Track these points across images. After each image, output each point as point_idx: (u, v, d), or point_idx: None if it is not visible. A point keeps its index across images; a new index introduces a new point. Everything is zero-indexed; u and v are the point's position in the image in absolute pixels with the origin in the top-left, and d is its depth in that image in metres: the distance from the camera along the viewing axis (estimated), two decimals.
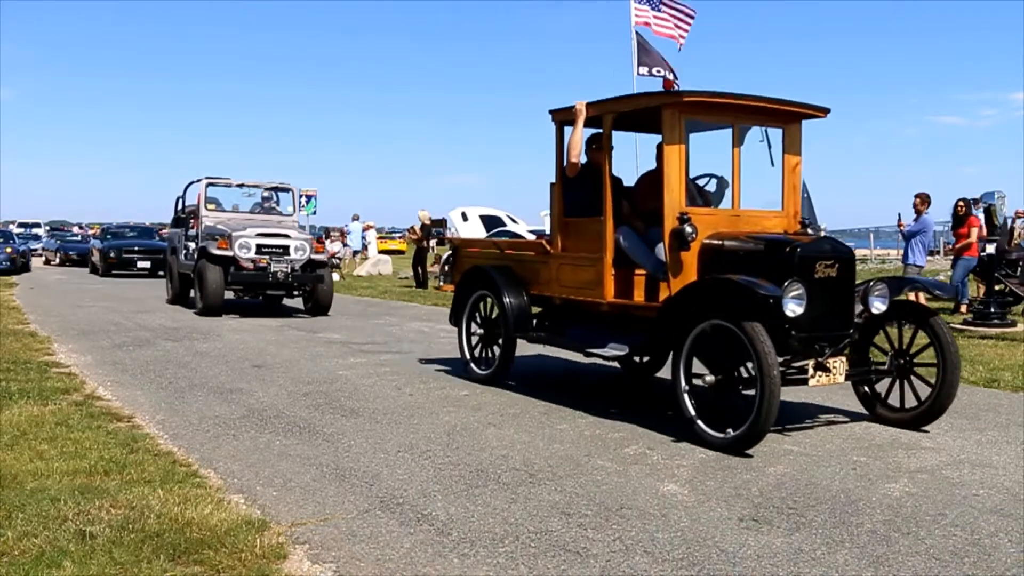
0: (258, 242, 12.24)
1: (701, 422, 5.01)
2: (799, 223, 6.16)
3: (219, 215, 13.40)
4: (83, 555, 3.10)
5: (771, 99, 5.83)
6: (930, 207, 11.65)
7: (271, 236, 12.43)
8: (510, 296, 6.64)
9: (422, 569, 3.14)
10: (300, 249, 12.41)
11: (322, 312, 12.66)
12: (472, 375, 7.09)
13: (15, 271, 23.08)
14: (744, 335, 4.70)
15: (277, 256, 12.24)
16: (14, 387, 6.22)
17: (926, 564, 3.24)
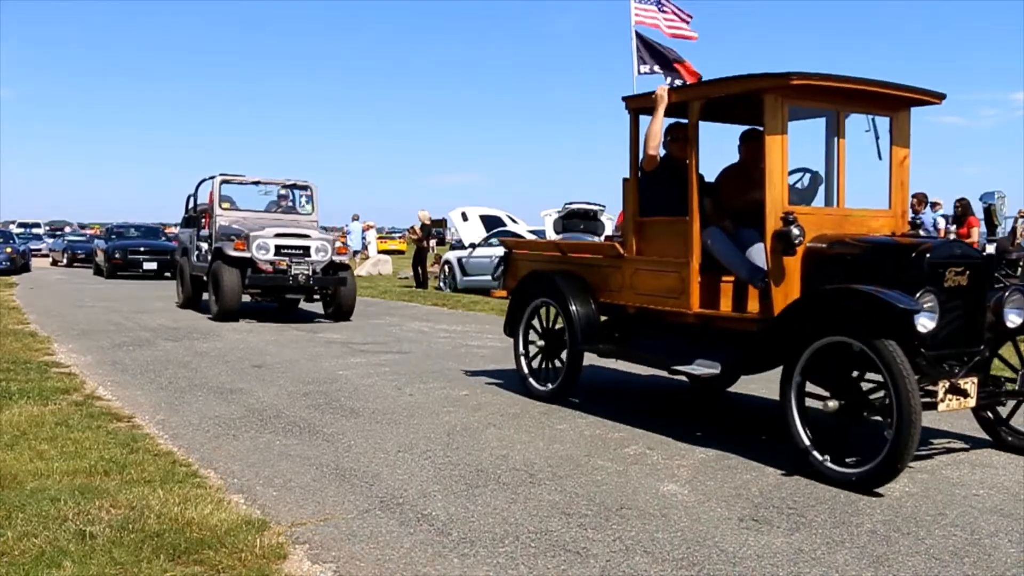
0: (277, 243, 11.58)
1: (818, 453, 4.37)
2: (908, 224, 5.64)
3: (234, 214, 12.64)
4: (83, 555, 3.10)
5: (883, 83, 5.18)
6: (927, 206, 11.63)
7: (291, 236, 11.80)
8: (577, 304, 5.99)
9: (422, 569, 3.14)
10: (321, 250, 11.79)
11: (344, 316, 11.99)
12: (532, 391, 6.40)
13: (15, 271, 23.08)
14: (877, 355, 4.09)
15: (297, 258, 11.60)
16: (14, 387, 6.22)
17: (926, 564, 3.24)
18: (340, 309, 12.05)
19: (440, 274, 18.85)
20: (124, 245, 22.96)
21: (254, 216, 12.79)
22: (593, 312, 6.03)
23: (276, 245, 11.59)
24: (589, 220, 16.51)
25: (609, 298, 5.98)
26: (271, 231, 11.77)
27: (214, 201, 12.56)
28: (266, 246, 11.50)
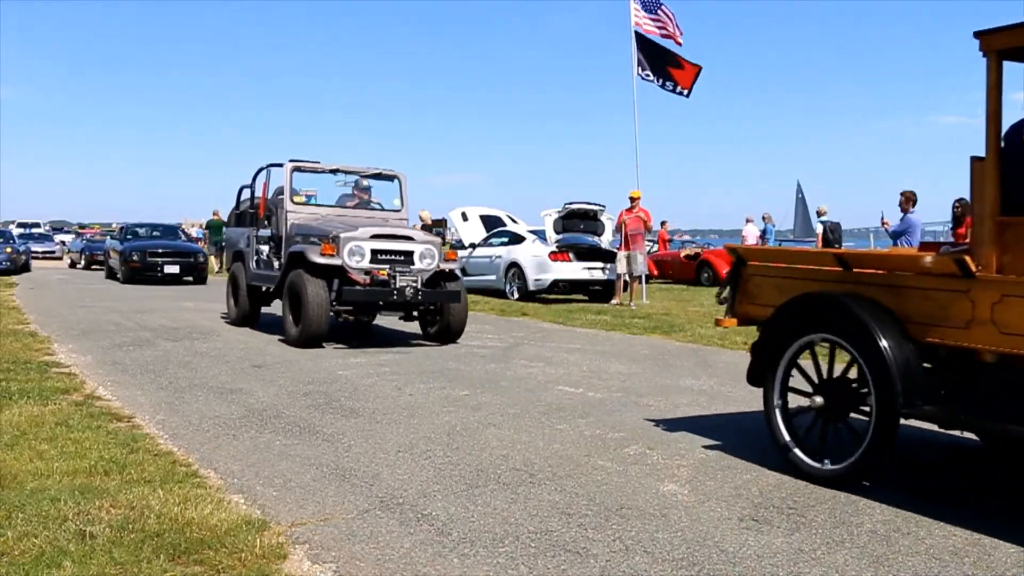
0: (374, 247, 9.18)
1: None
2: None
3: (307, 210, 10.36)
4: (83, 555, 3.10)
5: None
6: (915, 206, 11.51)
7: (390, 239, 9.39)
8: (889, 345, 4.00)
9: (422, 569, 3.14)
10: (427, 256, 9.43)
11: (451, 338, 9.63)
12: (802, 469, 4.37)
13: (15, 271, 23.07)
14: None
15: (400, 266, 9.22)
16: (14, 387, 6.22)
17: (926, 564, 3.24)
18: (448, 330, 9.62)
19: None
20: (142, 246, 20.75)
21: (335, 213, 10.42)
22: (914, 357, 4.05)
23: (373, 250, 9.18)
24: (589, 220, 16.51)
25: (942, 337, 3.98)
26: (366, 231, 9.31)
27: (286, 194, 10.19)
28: (361, 251, 9.09)
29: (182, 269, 20.36)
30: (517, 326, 11.74)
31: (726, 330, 11.06)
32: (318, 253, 8.99)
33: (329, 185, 10.99)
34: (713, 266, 21.16)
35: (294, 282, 9.12)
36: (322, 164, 10.64)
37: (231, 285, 11.38)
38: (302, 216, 10.13)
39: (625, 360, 8.53)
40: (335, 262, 8.97)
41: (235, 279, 11.25)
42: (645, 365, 8.27)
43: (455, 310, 9.54)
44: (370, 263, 9.14)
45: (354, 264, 9.05)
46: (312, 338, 8.88)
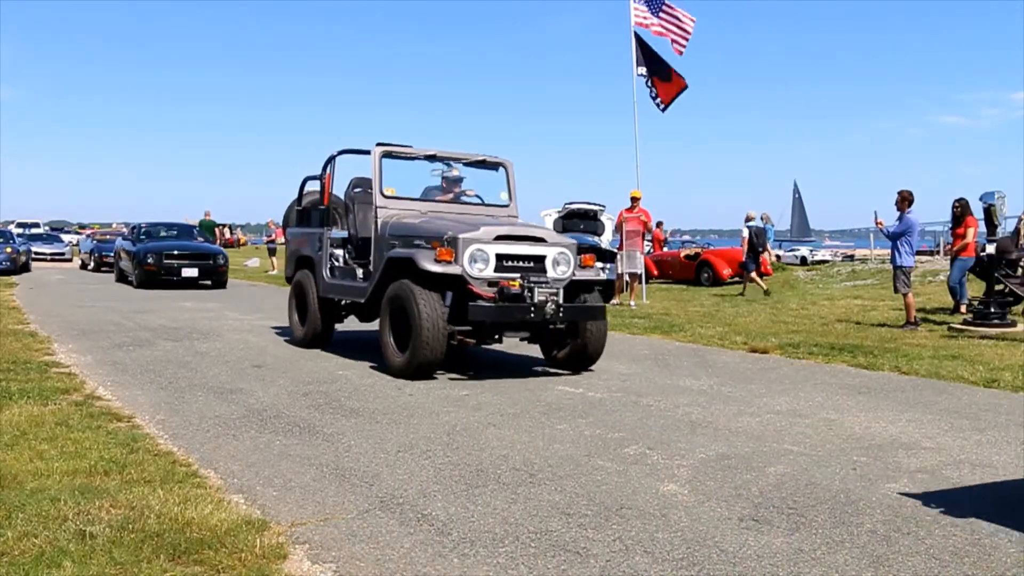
0: (499, 250, 7.28)
1: None
2: None
3: (399, 204, 8.27)
4: (83, 555, 3.10)
5: None
6: (912, 206, 11.46)
7: (519, 241, 7.45)
8: None
9: (422, 569, 3.14)
10: (562, 262, 7.53)
11: (586, 364, 7.75)
12: None
13: (15, 271, 23.07)
14: None
15: (534, 275, 7.33)
16: (14, 387, 6.21)
17: (926, 564, 3.24)
18: (584, 354, 7.68)
19: None
20: (158, 248, 19.05)
21: (435, 209, 8.48)
22: None
23: (498, 254, 7.26)
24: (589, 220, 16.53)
25: None
26: (489, 231, 7.35)
27: (376, 184, 8.21)
28: (484, 256, 7.18)
29: (201, 272, 18.84)
30: None
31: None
32: (432, 259, 7.04)
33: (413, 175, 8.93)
34: (713, 266, 21.16)
35: (398, 296, 7.20)
36: (415, 148, 8.71)
37: (295, 298, 9.46)
38: (397, 212, 8.11)
39: (625, 360, 8.53)
40: (453, 270, 7.06)
41: (301, 291, 9.29)
42: (645, 365, 8.27)
43: (595, 330, 7.55)
44: (494, 271, 7.23)
45: (476, 273, 7.14)
46: (425, 367, 6.96)
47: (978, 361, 8.30)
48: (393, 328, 7.35)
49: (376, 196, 8.19)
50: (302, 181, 9.84)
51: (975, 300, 12.04)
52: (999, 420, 5.88)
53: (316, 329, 9.00)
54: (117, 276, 21.10)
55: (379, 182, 8.20)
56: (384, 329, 7.46)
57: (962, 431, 5.52)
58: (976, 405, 6.38)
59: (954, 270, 12.79)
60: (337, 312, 9.03)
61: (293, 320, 9.50)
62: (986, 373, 7.64)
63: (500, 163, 8.97)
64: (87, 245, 29.44)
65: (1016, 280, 12.28)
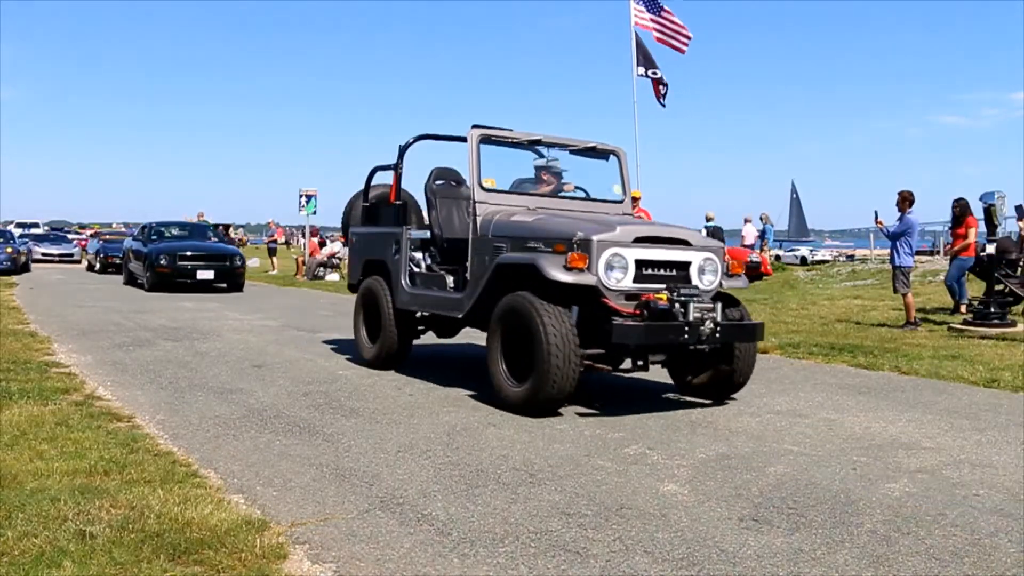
0: (639, 255, 5.91)
1: None
2: None
3: (500, 200, 6.84)
4: (83, 555, 3.10)
5: None
6: (912, 206, 11.46)
7: (661, 244, 6.08)
8: None
9: (422, 569, 3.14)
10: (709, 270, 6.21)
11: (731, 391, 6.48)
12: None
13: (16, 271, 23.08)
14: None
15: (684, 286, 5.95)
16: (14, 387, 6.21)
17: (926, 564, 3.24)
18: (731, 380, 6.40)
19: None
20: (171, 248, 17.86)
21: (549, 206, 7.01)
22: None
23: (637, 260, 5.89)
24: None
25: None
26: (627, 231, 5.96)
27: (474, 174, 6.80)
28: (623, 262, 5.82)
29: (217, 274, 17.70)
30: None
31: None
32: (560, 266, 5.66)
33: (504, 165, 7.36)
34: None
35: (515, 311, 5.81)
36: (516, 132, 7.23)
37: (362, 310, 8.08)
38: (500, 209, 6.71)
39: None
40: (586, 280, 5.68)
41: (372, 301, 7.85)
42: None
43: (745, 352, 6.31)
44: (632, 281, 5.86)
45: (614, 283, 5.78)
46: (551, 401, 5.65)
47: (978, 361, 8.30)
48: (505, 351, 5.99)
49: (474, 189, 6.74)
50: (370, 172, 8.47)
51: (975, 300, 12.04)
52: (999, 420, 5.88)
53: (390, 347, 7.58)
54: (126, 279, 19.79)
55: (477, 172, 6.79)
56: (495, 353, 6.03)
57: (962, 431, 5.52)
58: (976, 405, 6.38)
59: (952, 269, 12.81)
60: (415, 326, 7.74)
61: (360, 336, 8.05)
62: (986, 373, 7.64)
63: (612, 151, 7.63)
64: (93, 245, 28.76)
65: (1016, 280, 12.29)
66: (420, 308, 7.37)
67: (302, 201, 25.08)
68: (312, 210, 25.20)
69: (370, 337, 7.92)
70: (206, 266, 17.68)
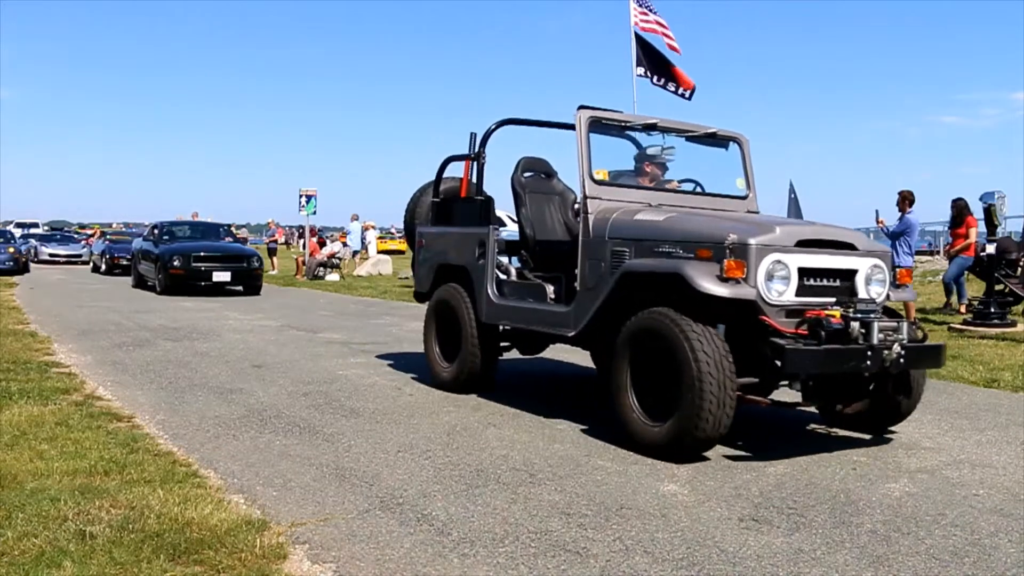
0: (802, 262, 4.87)
1: None
2: None
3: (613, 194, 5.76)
4: (83, 555, 3.10)
5: None
6: (913, 206, 11.46)
7: (825, 248, 5.01)
8: None
9: (422, 569, 3.14)
10: (875, 279, 5.16)
11: (892, 422, 5.42)
12: None
13: (18, 271, 23.09)
14: None
15: (852, 298, 4.95)
16: (14, 387, 6.22)
17: (926, 564, 3.24)
18: (898, 409, 5.33)
19: None
20: (185, 249, 17.01)
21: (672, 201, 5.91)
22: None
23: (800, 269, 4.85)
24: None
25: None
26: (788, 233, 4.93)
27: (584, 166, 5.67)
28: (784, 271, 4.80)
29: (234, 276, 16.81)
30: None
31: None
32: (712, 275, 4.64)
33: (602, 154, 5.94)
34: None
35: (652, 331, 4.78)
36: (627, 115, 6.25)
37: (435, 323, 6.97)
38: (618, 205, 5.61)
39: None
40: (745, 294, 4.65)
41: (448, 313, 6.75)
42: None
43: (916, 378, 5.28)
44: (795, 295, 4.84)
45: (775, 297, 4.76)
46: (701, 443, 4.61)
47: (978, 361, 8.31)
48: (636, 381, 4.94)
49: (585, 182, 5.62)
50: (442, 163, 7.24)
51: (975, 300, 12.05)
52: (999, 420, 5.88)
53: (473, 367, 6.46)
54: (135, 281, 18.76)
55: (587, 162, 5.67)
56: (622, 383, 4.97)
57: (962, 431, 5.52)
58: (976, 405, 6.38)
59: (952, 267, 12.85)
60: (498, 342, 6.64)
61: (433, 354, 6.93)
62: (986, 373, 7.64)
63: (733, 138, 6.49)
64: (99, 246, 27.84)
65: (1016, 280, 12.29)
66: (511, 323, 6.21)
67: (302, 201, 25.08)
68: (312, 210, 25.20)
69: (445, 355, 6.82)
70: (222, 268, 16.80)
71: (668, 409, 4.66)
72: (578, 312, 5.52)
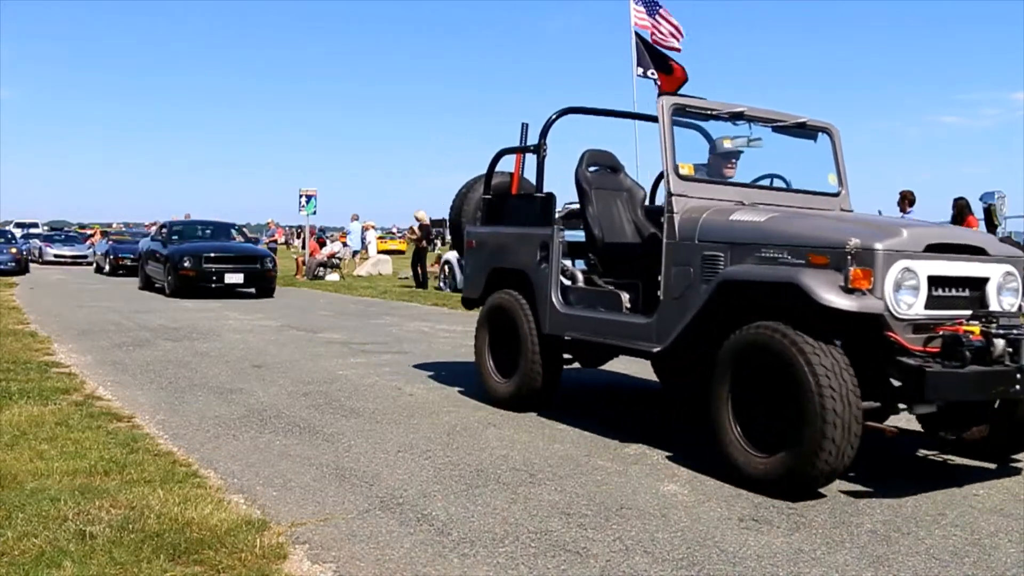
0: (932, 270, 4.24)
1: None
2: None
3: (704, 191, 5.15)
4: (83, 555, 3.10)
5: None
6: (913, 206, 11.45)
7: (955, 253, 4.40)
8: None
9: (422, 569, 3.14)
10: (1007, 288, 4.52)
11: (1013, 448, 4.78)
12: None
13: (20, 271, 23.07)
14: None
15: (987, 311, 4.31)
16: (14, 387, 6.21)
17: (926, 564, 3.24)
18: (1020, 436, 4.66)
19: (440, 274, 18.84)
20: (195, 249, 16.26)
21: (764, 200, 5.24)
22: None
23: (930, 276, 4.24)
24: None
25: None
26: (917, 235, 4.33)
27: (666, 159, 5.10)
28: (913, 281, 4.18)
29: (247, 278, 16.02)
30: None
31: None
32: (835, 286, 4.03)
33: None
34: None
35: (763, 348, 4.18)
36: (712, 103, 5.49)
37: (487, 333, 6.34)
38: (707, 204, 5.00)
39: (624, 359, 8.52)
40: (872, 307, 4.04)
41: (504, 323, 6.10)
42: (645, 364, 8.25)
43: None
44: (924, 307, 4.22)
45: (903, 309, 4.14)
46: (821, 479, 4.03)
47: None
48: (738, 405, 4.33)
49: (670, 178, 5.03)
50: (495, 156, 6.57)
51: None
52: None
53: (533, 382, 5.82)
54: (143, 283, 17.98)
55: (671, 155, 5.08)
56: (722, 407, 4.38)
57: None
58: None
59: None
60: (562, 355, 5.98)
61: (487, 368, 6.28)
62: None
63: (823, 128, 5.81)
64: (102, 246, 26.92)
65: None
66: (580, 334, 5.56)
67: (302, 201, 25.07)
68: (312, 210, 25.19)
69: (501, 369, 6.16)
70: (234, 269, 15.96)
71: (780, 438, 4.07)
72: (663, 325, 4.86)
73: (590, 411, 5.97)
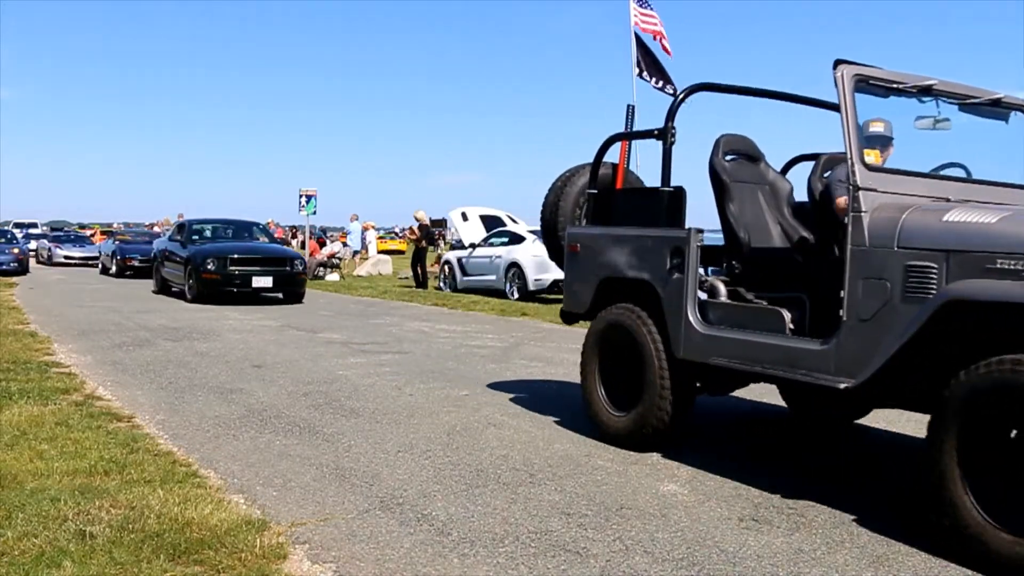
0: None
1: None
2: None
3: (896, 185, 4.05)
4: (83, 555, 3.10)
5: None
6: None
7: None
8: None
9: (422, 569, 3.14)
10: None
11: None
12: None
13: (22, 272, 23.07)
14: None
15: None
16: (14, 387, 6.21)
17: (926, 564, 3.24)
18: None
19: (440, 274, 18.85)
20: (219, 251, 14.76)
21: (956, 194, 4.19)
22: None
23: None
24: None
25: None
26: None
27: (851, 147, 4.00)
28: None
29: (276, 282, 14.64)
30: (517, 326, 11.75)
31: None
32: None
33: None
34: None
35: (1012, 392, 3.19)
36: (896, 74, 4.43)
37: (597, 355, 5.32)
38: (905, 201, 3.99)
39: None
40: None
41: (624, 343, 5.06)
42: None
43: None
44: None
45: None
46: None
47: None
48: (963, 457, 3.33)
49: (855, 167, 3.98)
50: (604, 143, 5.54)
51: None
52: None
53: (661, 417, 4.77)
54: (158, 286, 16.67)
55: (855, 140, 4.03)
56: (950, 464, 3.36)
57: None
58: None
59: None
60: (694, 384, 4.90)
61: (597, 396, 5.26)
62: None
63: (1020, 106, 4.75)
64: (108, 246, 26.04)
65: None
66: (730, 362, 4.44)
67: (302, 201, 25.08)
68: (312, 210, 25.20)
69: (614, 401, 5.15)
70: (262, 272, 14.51)
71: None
72: (848, 353, 3.85)
73: None
